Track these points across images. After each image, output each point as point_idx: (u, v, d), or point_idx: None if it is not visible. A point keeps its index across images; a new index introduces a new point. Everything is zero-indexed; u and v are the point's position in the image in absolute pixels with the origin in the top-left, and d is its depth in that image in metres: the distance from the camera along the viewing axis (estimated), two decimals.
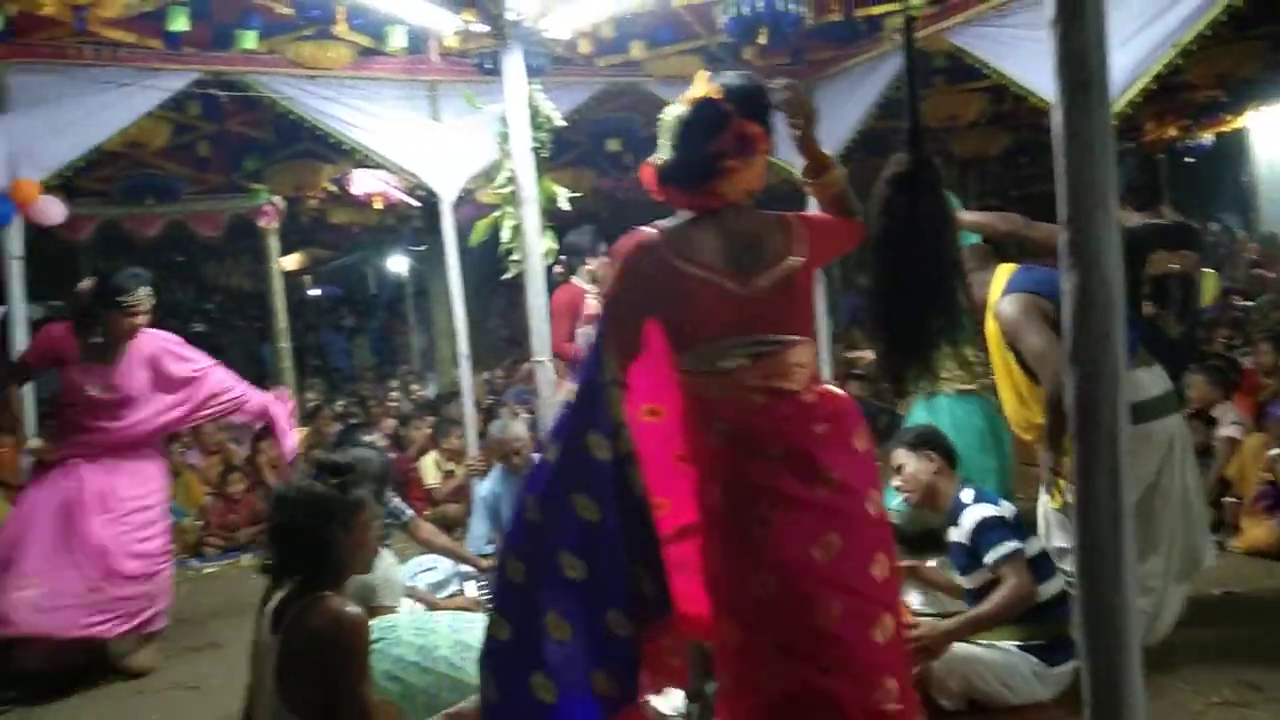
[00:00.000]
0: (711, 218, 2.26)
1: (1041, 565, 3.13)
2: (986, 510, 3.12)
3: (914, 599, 3.57)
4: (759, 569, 2.06)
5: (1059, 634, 3.07)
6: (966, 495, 3.23)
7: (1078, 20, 1.39)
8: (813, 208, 6.62)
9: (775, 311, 2.13)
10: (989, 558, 3.06)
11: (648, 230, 2.27)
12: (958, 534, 3.20)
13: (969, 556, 3.17)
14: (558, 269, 5.31)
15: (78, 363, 4.28)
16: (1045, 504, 3.52)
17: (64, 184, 5.56)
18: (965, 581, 3.23)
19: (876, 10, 5.70)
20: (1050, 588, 3.10)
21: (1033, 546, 3.14)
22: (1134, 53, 4.29)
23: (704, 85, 2.30)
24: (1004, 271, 3.50)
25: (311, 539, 2.30)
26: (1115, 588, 1.46)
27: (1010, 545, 3.04)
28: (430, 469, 6.85)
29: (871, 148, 8.35)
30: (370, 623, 2.42)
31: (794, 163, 4.45)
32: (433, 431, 7.11)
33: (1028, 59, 4.95)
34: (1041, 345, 3.19)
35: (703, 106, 2.27)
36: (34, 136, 4.99)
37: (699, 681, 2.81)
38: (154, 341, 4.45)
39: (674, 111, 2.33)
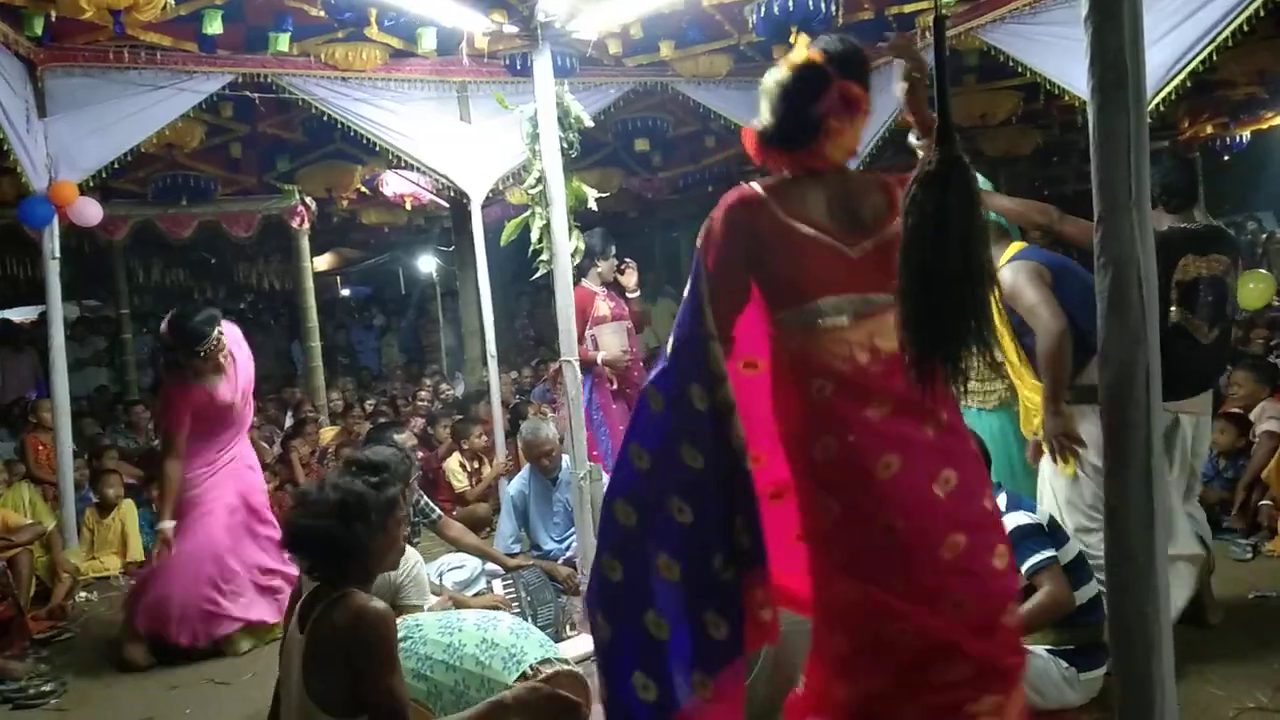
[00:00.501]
0: (816, 178, 2.27)
1: (1077, 570, 3.08)
2: (1021, 519, 3.07)
3: None
4: (883, 513, 2.07)
5: (1091, 639, 3.03)
6: (1000, 502, 3.19)
7: (1113, 17, 1.38)
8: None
9: (879, 273, 2.11)
10: (1024, 566, 3.02)
11: (753, 186, 2.29)
12: None
13: None
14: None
15: (207, 396, 4.41)
16: (1049, 476, 3.47)
17: (100, 185, 5.65)
18: None
19: (908, 8, 5.66)
20: (1085, 593, 3.07)
21: (1068, 552, 3.09)
22: (1169, 49, 4.24)
23: (804, 49, 2.30)
24: (1012, 249, 3.49)
25: (344, 537, 2.32)
26: (1147, 592, 1.45)
27: (1046, 554, 3.00)
28: (455, 470, 6.88)
29: (900, 146, 8.30)
30: (397, 621, 2.44)
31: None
32: (453, 431, 7.15)
33: (1061, 57, 4.90)
34: (1035, 299, 3.19)
35: (805, 69, 2.27)
36: (72, 139, 5.08)
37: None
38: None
39: (774, 76, 2.32)
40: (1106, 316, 1.41)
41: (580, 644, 4.09)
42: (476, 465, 6.80)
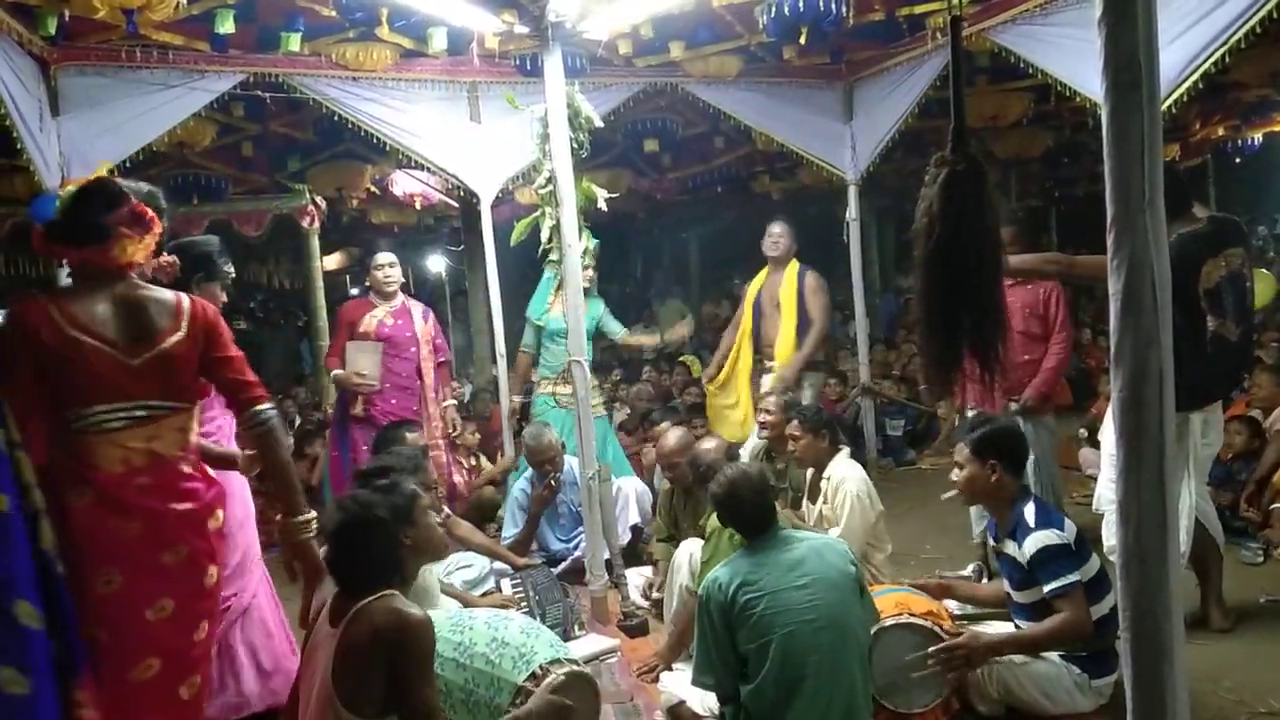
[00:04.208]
0: (102, 284, 2.50)
1: (1098, 585, 3.05)
2: (1050, 538, 3.02)
3: (951, 604, 3.53)
4: (96, 623, 2.35)
5: (1104, 646, 3.02)
6: (1029, 512, 3.12)
7: (1127, 18, 1.38)
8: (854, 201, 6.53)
9: (158, 381, 2.46)
10: (1048, 587, 2.98)
11: (39, 297, 2.47)
12: (1016, 551, 3.11)
13: (1025, 574, 3.10)
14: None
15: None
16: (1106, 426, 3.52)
17: None
18: (1018, 596, 3.16)
19: (919, 9, 5.64)
20: (1103, 606, 3.04)
21: (1090, 569, 3.05)
22: (1182, 51, 4.22)
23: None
24: None
25: (378, 543, 2.35)
26: (1159, 595, 1.45)
27: (1070, 579, 2.97)
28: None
29: (911, 147, 8.30)
30: None
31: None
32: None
33: (1073, 58, 4.88)
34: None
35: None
36: (85, 137, 5.09)
37: (732, 683, 2.81)
38: None
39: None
40: (1120, 319, 1.41)
41: (589, 644, 4.10)
42: (473, 462, 6.82)
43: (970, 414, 4.54)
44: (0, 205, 7.24)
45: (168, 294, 2.59)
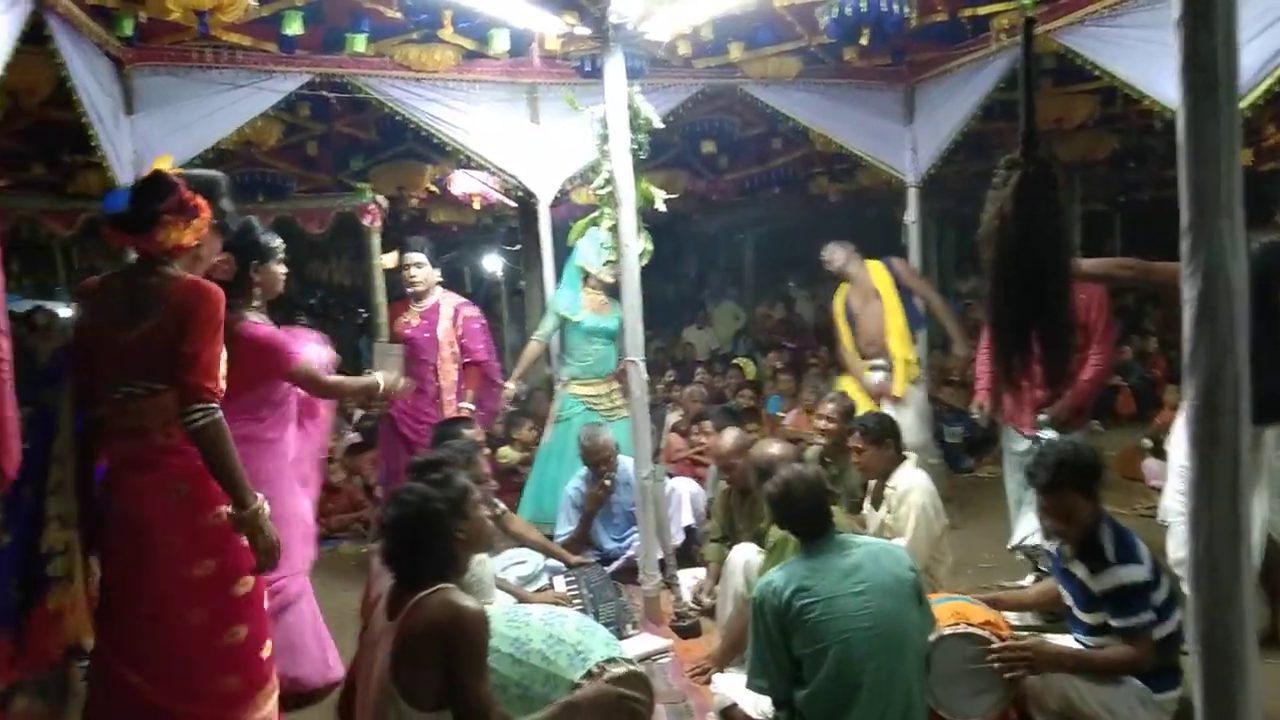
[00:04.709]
0: (139, 270, 2.72)
1: (1167, 607, 2.98)
2: (1132, 576, 2.92)
3: (1010, 615, 3.48)
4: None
5: (1168, 663, 2.96)
6: (1108, 541, 2.99)
7: (1206, 20, 1.35)
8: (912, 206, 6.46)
9: (141, 362, 2.63)
10: (1118, 623, 2.92)
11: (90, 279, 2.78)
12: (1087, 578, 3.01)
13: (1094, 600, 3.01)
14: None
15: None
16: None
17: None
18: (1081, 614, 3.10)
19: (983, 10, 5.56)
20: (1170, 624, 2.96)
21: (1161, 593, 2.97)
22: (1259, 52, 4.10)
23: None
24: None
25: (434, 536, 2.38)
26: (1231, 608, 1.41)
27: (1144, 618, 2.89)
28: (508, 455, 6.98)
29: (973, 150, 8.19)
30: None
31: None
32: (505, 423, 7.23)
33: (1144, 60, 4.76)
34: None
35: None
36: (157, 135, 5.23)
37: (786, 688, 2.80)
38: None
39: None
40: (1195, 326, 1.38)
41: (642, 643, 4.12)
42: (526, 456, 6.89)
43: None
44: (76, 201, 7.46)
45: (174, 281, 2.68)
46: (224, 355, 2.70)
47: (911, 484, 3.95)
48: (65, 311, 11.17)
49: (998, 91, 6.01)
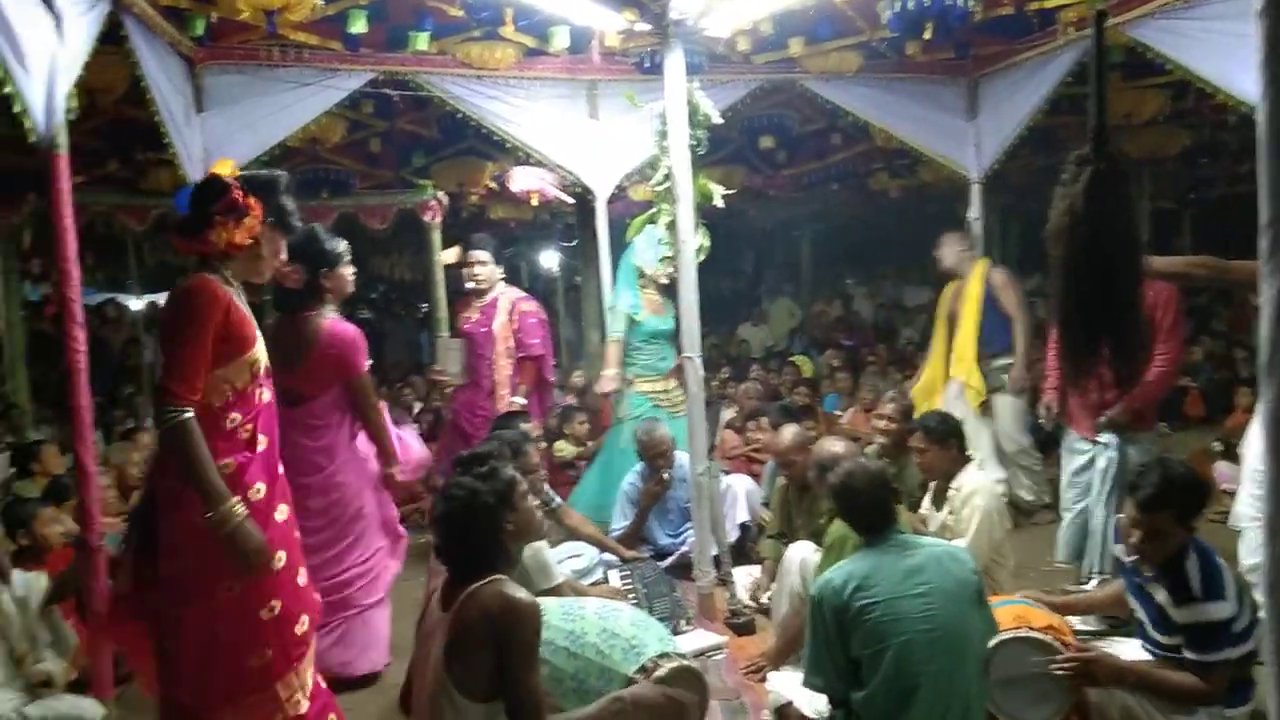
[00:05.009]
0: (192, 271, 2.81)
1: (1246, 632, 2.84)
2: (1217, 612, 2.77)
3: (1073, 619, 3.41)
4: None
5: (1238, 677, 2.87)
6: (1193, 572, 2.82)
7: None
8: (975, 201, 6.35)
9: None
10: (1196, 656, 2.78)
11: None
12: (1167, 604, 2.87)
13: (1171, 627, 2.88)
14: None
15: None
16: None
17: None
18: (1157, 635, 2.98)
19: (1050, 3, 5.45)
20: (1245, 647, 2.85)
21: (1243, 620, 2.83)
22: None
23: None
24: None
25: (484, 529, 2.41)
26: None
27: (1223, 655, 2.77)
28: (563, 448, 7.02)
29: (1038, 145, 8.03)
30: None
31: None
32: (560, 418, 7.28)
33: (1219, 53, 4.62)
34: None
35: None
36: (226, 133, 5.35)
37: (843, 687, 2.78)
38: None
39: None
40: (1273, 326, 1.34)
41: (696, 639, 4.11)
42: (582, 450, 6.93)
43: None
44: (148, 197, 7.66)
45: (181, 284, 2.73)
46: (197, 358, 2.62)
47: (976, 486, 3.88)
48: (136, 304, 11.49)
49: (1064, 86, 5.89)
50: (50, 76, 3.55)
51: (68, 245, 3.61)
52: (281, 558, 2.71)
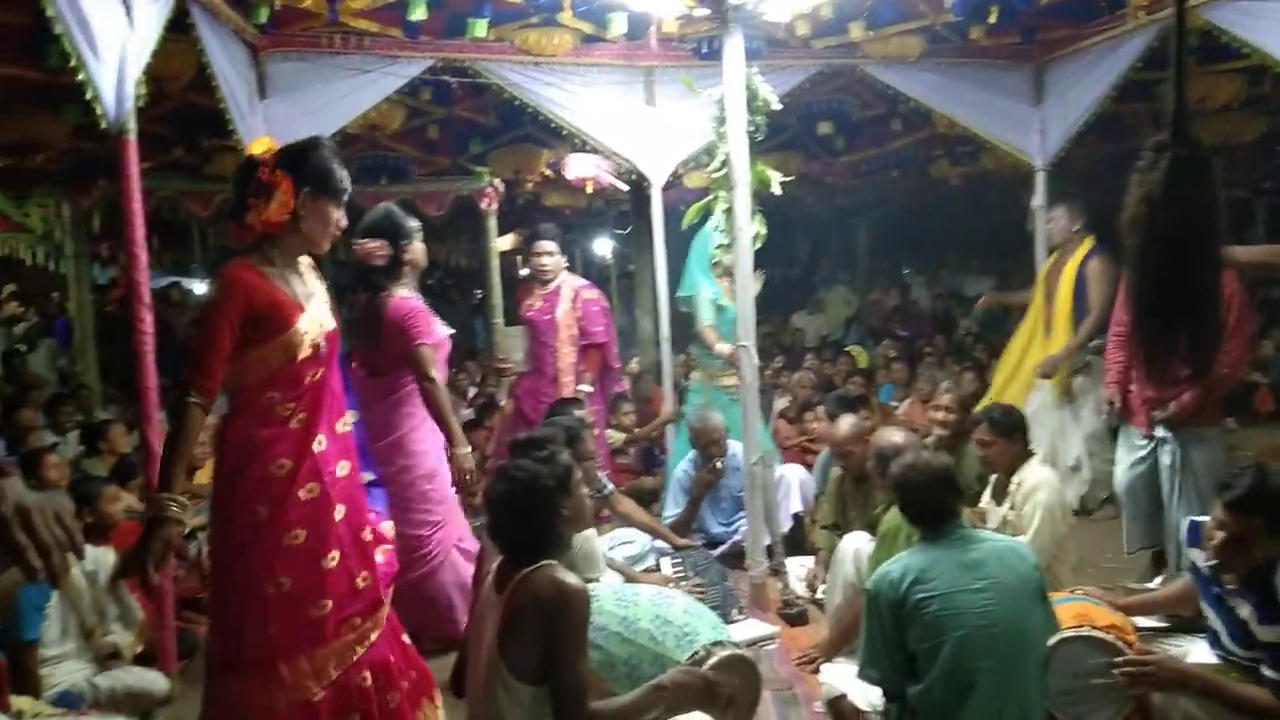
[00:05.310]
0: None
1: None
2: None
3: (1136, 616, 3.32)
4: None
5: None
6: None
7: None
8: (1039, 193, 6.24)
9: None
10: (1277, 676, 2.63)
11: None
12: (1250, 619, 2.71)
13: (1251, 641, 2.72)
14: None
15: None
16: None
17: None
18: (1233, 647, 2.83)
19: None
20: None
21: None
22: None
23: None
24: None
25: (542, 513, 2.41)
26: None
27: None
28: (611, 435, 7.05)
29: (1104, 132, 7.83)
30: None
31: None
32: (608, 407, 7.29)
33: None
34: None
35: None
36: (288, 120, 5.42)
37: (899, 681, 2.75)
38: None
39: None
40: None
41: (748, 628, 4.10)
42: (630, 437, 6.97)
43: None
44: (213, 183, 7.81)
45: (215, 278, 2.80)
46: (211, 347, 2.63)
47: (1038, 481, 3.80)
48: (200, 288, 11.75)
49: (1133, 71, 5.74)
50: (121, 63, 3.64)
51: (136, 229, 3.70)
52: (298, 535, 2.67)
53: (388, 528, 3.07)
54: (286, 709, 2.65)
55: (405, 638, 3.02)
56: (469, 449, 3.95)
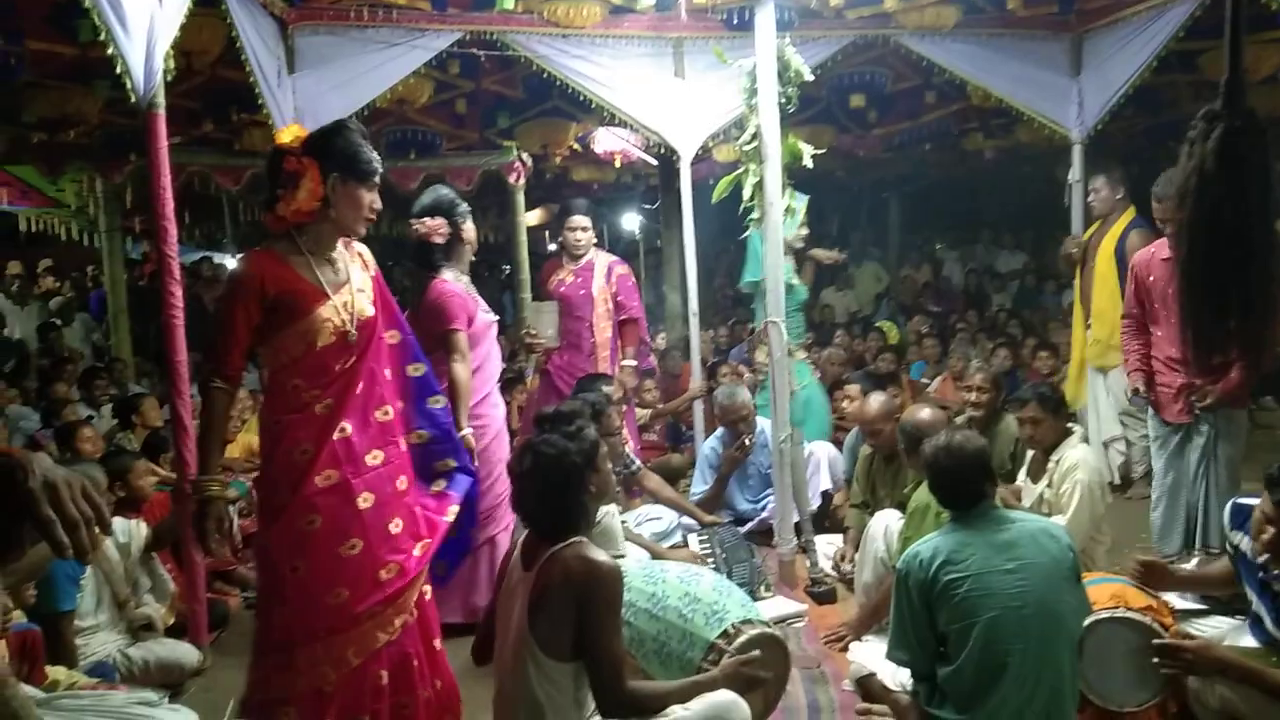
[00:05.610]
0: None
1: None
2: None
3: (1172, 595, 3.27)
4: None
5: None
6: None
7: None
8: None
9: None
10: None
11: None
12: None
13: None
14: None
15: None
16: None
17: None
18: (1275, 631, 2.77)
19: None
20: None
21: None
22: None
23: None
24: None
25: (570, 488, 2.40)
26: None
27: None
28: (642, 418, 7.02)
29: (1144, 105, 7.66)
30: None
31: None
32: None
33: None
34: None
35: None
36: (316, 93, 5.41)
37: (928, 663, 2.72)
38: None
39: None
40: None
41: (776, 606, 4.09)
42: (655, 413, 6.94)
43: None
44: (243, 158, 7.83)
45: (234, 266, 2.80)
46: (227, 334, 2.66)
47: (1078, 460, 3.74)
48: (230, 262, 11.82)
49: (1174, 41, 5.59)
50: (150, 38, 3.63)
51: (165, 203, 3.71)
52: (314, 521, 2.63)
53: (451, 512, 2.95)
54: (299, 695, 2.63)
55: (438, 643, 2.92)
56: (468, 431, 3.96)
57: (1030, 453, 4.09)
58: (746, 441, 5.17)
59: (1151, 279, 4.10)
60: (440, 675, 2.88)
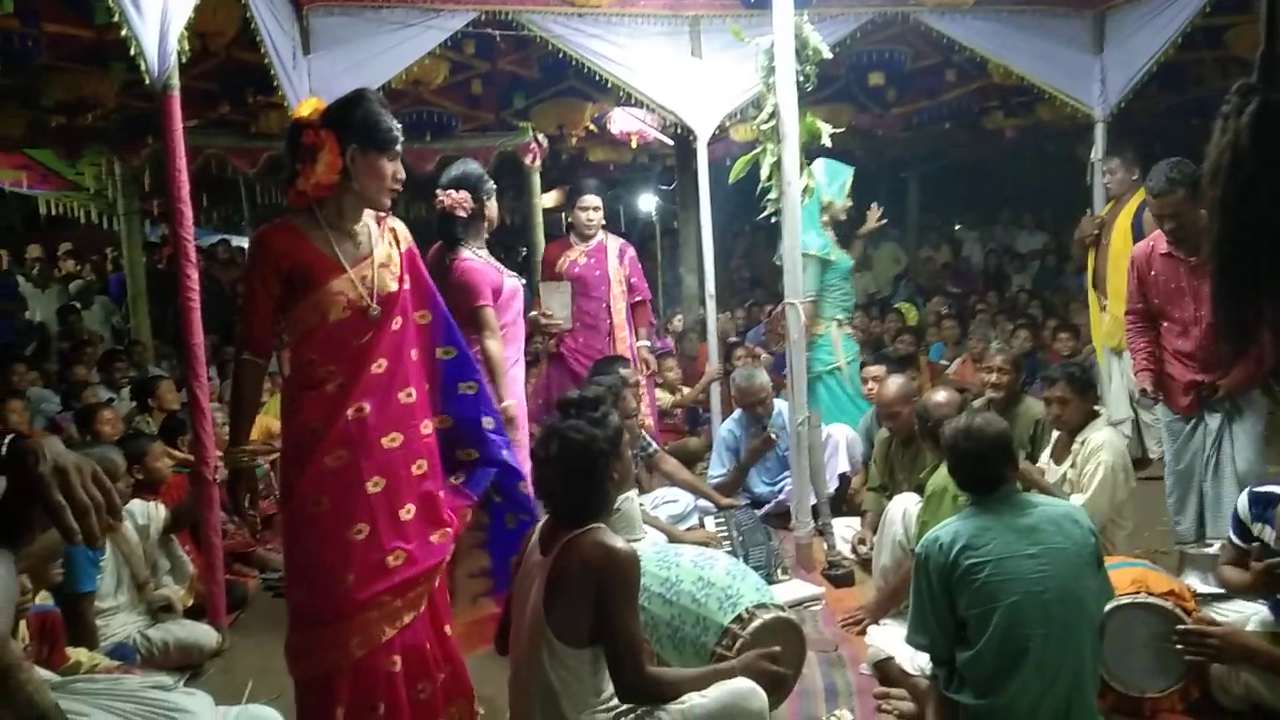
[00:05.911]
0: None
1: None
2: None
3: (1194, 580, 3.24)
4: None
5: None
6: None
7: None
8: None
9: None
10: None
11: None
12: None
13: None
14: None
15: None
16: None
17: None
18: None
19: None
20: None
21: None
22: None
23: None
24: None
25: (595, 475, 2.38)
26: None
27: None
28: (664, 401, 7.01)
29: (1168, 82, 7.54)
30: None
31: None
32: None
33: None
34: None
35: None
36: (331, 75, 5.38)
37: (948, 647, 2.69)
38: None
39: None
40: None
41: (793, 589, 4.07)
42: (676, 399, 6.94)
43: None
44: (259, 140, 7.83)
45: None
46: (250, 307, 2.67)
47: (1103, 441, 3.70)
48: (246, 244, 11.86)
49: (1199, 16, 5.49)
50: (163, 20, 3.62)
51: (180, 185, 3.70)
52: (321, 502, 2.58)
53: (464, 513, 2.87)
54: (307, 681, 2.61)
55: (448, 629, 2.86)
56: (512, 402, 3.95)
57: (1053, 435, 4.04)
58: (773, 436, 5.15)
59: (1154, 274, 3.98)
60: (451, 659, 2.83)
